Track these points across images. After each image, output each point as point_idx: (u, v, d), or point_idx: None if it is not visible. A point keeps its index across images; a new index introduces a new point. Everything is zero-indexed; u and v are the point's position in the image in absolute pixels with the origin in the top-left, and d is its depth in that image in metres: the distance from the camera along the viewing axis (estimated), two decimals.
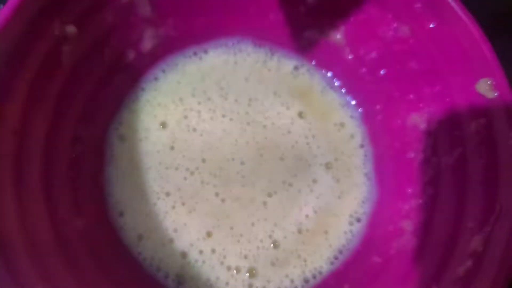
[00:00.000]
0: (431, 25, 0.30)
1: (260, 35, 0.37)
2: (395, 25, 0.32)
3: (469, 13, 0.28)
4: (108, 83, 0.33)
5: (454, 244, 0.27)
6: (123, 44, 0.32)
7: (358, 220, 0.34)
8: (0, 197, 0.25)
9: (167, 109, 0.35)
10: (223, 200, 0.33)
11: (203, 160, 0.34)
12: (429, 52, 0.31)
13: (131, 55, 0.33)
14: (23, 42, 0.26)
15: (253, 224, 0.33)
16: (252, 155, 0.35)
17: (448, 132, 0.31)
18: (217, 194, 0.33)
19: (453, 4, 0.28)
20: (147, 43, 0.34)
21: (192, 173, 0.33)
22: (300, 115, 0.36)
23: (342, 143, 0.36)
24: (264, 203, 0.33)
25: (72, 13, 0.28)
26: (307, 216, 0.33)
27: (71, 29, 0.28)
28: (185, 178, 0.33)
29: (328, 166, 0.35)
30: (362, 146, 0.36)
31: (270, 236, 0.33)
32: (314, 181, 0.34)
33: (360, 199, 0.34)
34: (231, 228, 0.33)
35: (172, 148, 0.34)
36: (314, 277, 0.32)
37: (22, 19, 0.26)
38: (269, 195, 0.33)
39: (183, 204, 0.33)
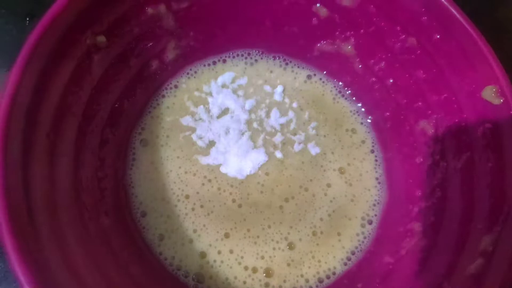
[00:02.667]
0: (437, 36, 0.32)
1: (275, 47, 0.39)
2: (403, 36, 0.34)
3: (473, 24, 0.30)
4: (133, 90, 0.35)
5: (464, 244, 0.29)
6: (148, 54, 0.34)
7: (370, 222, 0.35)
8: (34, 195, 0.26)
9: (186, 116, 0.37)
10: (240, 206, 0.34)
11: (221, 171, 0.35)
12: (435, 62, 0.33)
13: (154, 64, 0.35)
14: (57, 50, 0.28)
15: (269, 227, 0.34)
16: (275, 163, 0.36)
17: (455, 138, 0.32)
18: (234, 201, 0.35)
19: (458, 16, 0.30)
20: (170, 54, 0.36)
21: (209, 181, 0.35)
22: (315, 121, 0.38)
23: (354, 148, 0.37)
24: (281, 207, 0.35)
25: (102, 24, 0.30)
26: (321, 219, 0.35)
27: (101, 39, 0.30)
28: (203, 184, 0.35)
29: (341, 171, 0.36)
30: (372, 151, 0.37)
31: (286, 238, 0.34)
32: (328, 185, 0.36)
33: (371, 202, 0.36)
34: (248, 230, 0.34)
35: (190, 155, 0.36)
36: (328, 277, 0.33)
37: (57, 29, 0.27)
38: (286, 200, 0.35)
39: (201, 206, 0.34)
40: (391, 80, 0.36)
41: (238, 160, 0.36)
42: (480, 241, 0.28)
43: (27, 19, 0.43)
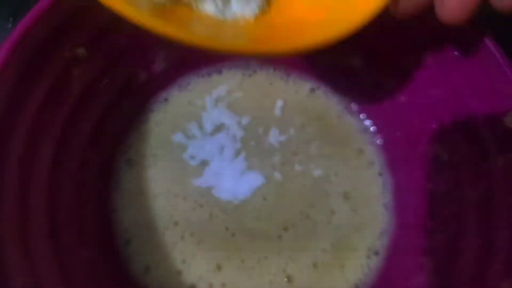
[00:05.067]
0: (455, 53, 0.29)
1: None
2: (417, 51, 0.31)
3: (496, 42, 0.27)
4: (118, 106, 0.32)
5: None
6: (135, 66, 0.31)
7: (376, 253, 0.32)
8: (3, 228, 0.23)
9: (177, 133, 0.34)
10: (233, 234, 0.32)
11: (214, 194, 0.32)
12: (453, 81, 0.30)
13: (142, 76, 0.32)
14: (32, 64, 0.25)
15: (266, 258, 0.31)
16: (273, 187, 0.33)
17: (473, 166, 0.29)
18: (227, 229, 0.32)
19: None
20: (160, 65, 0.32)
21: (201, 206, 0.32)
22: (319, 140, 0.35)
23: (360, 170, 0.34)
24: (279, 237, 0.32)
25: (83, 35, 0.27)
26: (323, 249, 0.32)
27: (81, 51, 0.27)
28: (193, 209, 0.32)
29: (346, 196, 0.33)
30: (381, 174, 0.34)
31: (284, 271, 0.31)
32: (332, 212, 0.33)
33: (378, 231, 0.33)
34: (242, 261, 0.31)
35: (180, 176, 0.33)
36: None
37: (32, 42, 0.24)
38: (285, 228, 0.32)
39: (191, 234, 0.31)
40: (403, 98, 0.33)
41: (233, 182, 0.33)
42: (500, 287, 0.25)
43: (11, 19, 0.41)
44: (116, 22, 0.28)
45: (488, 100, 0.28)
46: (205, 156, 0.33)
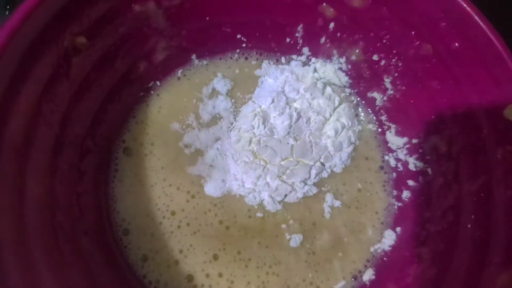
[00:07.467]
0: (456, 45, 0.28)
1: (275, 48, 0.35)
2: (417, 43, 0.30)
3: (498, 34, 0.27)
4: (118, 95, 0.32)
5: (478, 280, 0.26)
6: (135, 55, 0.31)
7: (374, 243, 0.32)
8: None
9: (174, 122, 0.34)
10: (227, 228, 0.32)
11: (203, 185, 0.32)
12: (452, 73, 0.29)
13: (142, 66, 0.32)
14: (30, 54, 0.25)
15: (262, 249, 0.31)
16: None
17: (471, 158, 0.29)
18: (221, 222, 0.32)
19: (481, 23, 0.26)
20: (160, 55, 0.32)
21: (193, 197, 0.32)
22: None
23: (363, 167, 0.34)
24: (275, 232, 0.32)
25: (83, 24, 0.27)
26: (322, 241, 0.32)
27: (81, 40, 0.27)
28: (187, 201, 0.32)
29: (343, 190, 0.33)
30: (382, 168, 0.34)
31: (280, 262, 0.31)
32: (331, 207, 0.33)
33: (377, 222, 0.33)
34: (238, 252, 0.31)
35: (175, 165, 0.33)
36: None
37: (29, 30, 0.24)
38: (278, 225, 0.32)
39: (188, 224, 0.31)
40: (402, 89, 0.33)
41: (223, 176, 0.32)
42: (497, 279, 0.25)
43: (7, 7, 0.40)
44: (116, 11, 0.28)
45: (488, 92, 0.28)
46: (199, 146, 0.33)
